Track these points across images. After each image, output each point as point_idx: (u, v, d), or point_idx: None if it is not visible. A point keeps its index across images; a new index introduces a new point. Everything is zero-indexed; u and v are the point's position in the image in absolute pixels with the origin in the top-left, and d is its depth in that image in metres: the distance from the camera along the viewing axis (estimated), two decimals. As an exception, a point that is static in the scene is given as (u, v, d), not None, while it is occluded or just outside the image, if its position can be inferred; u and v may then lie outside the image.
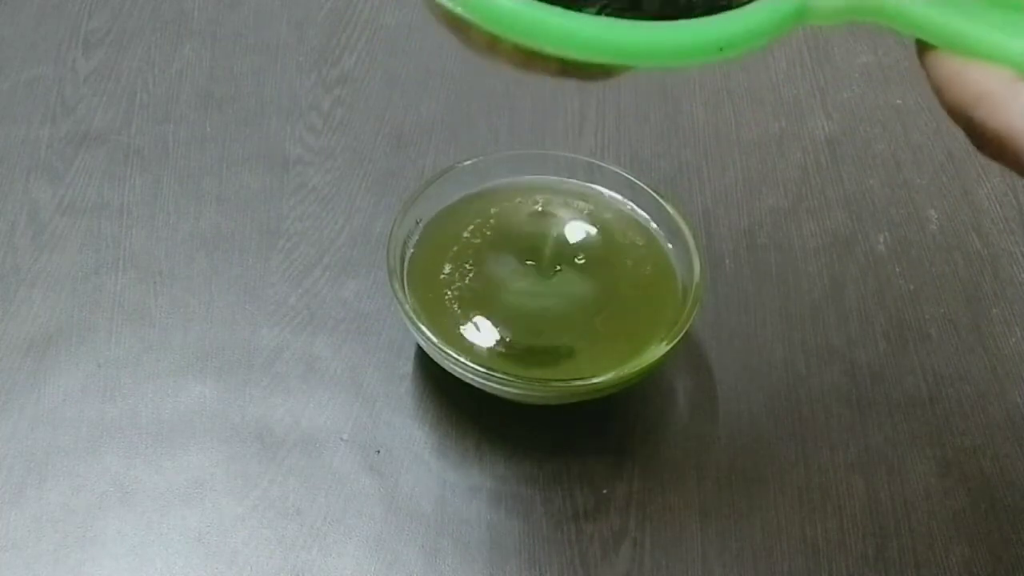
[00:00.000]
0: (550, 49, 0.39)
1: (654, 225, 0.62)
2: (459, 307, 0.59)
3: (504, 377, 0.56)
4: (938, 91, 0.39)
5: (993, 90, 0.38)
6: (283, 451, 0.58)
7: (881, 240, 0.68)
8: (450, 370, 0.58)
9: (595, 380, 0.56)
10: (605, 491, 0.57)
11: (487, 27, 0.39)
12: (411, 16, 0.78)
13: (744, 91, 0.75)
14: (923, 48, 0.40)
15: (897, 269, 0.67)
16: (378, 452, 0.58)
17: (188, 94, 0.73)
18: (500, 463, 0.58)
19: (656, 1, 0.39)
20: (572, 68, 0.40)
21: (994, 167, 0.71)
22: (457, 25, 0.40)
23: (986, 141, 0.38)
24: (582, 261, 0.61)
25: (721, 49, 0.40)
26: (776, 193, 0.70)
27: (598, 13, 0.39)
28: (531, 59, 0.40)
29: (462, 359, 0.56)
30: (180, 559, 0.55)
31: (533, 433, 0.59)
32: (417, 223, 0.61)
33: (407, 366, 0.61)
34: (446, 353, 0.56)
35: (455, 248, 0.61)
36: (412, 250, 0.61)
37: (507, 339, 0.58)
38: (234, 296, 0.64)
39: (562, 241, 0.62)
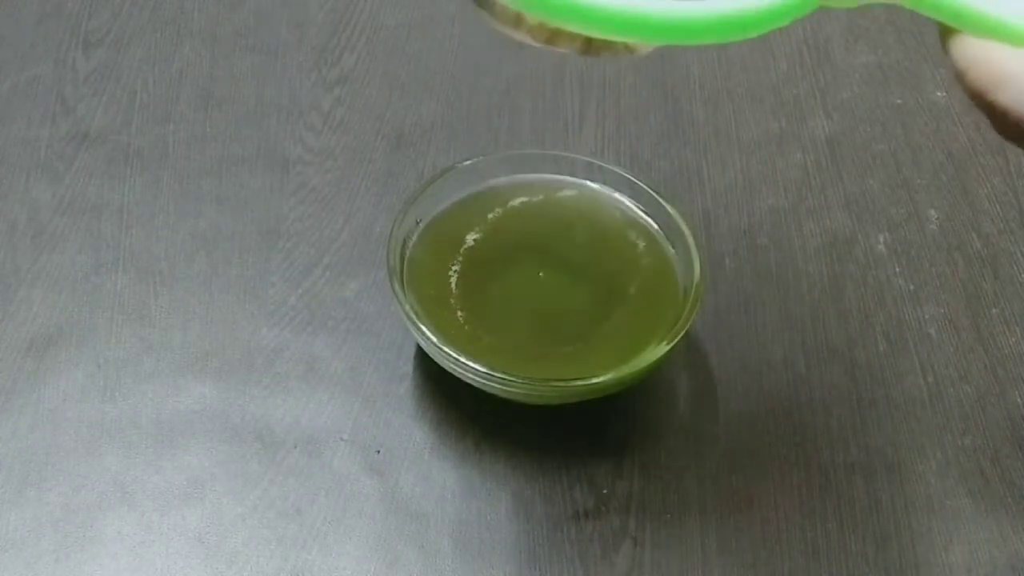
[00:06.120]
0: (574, 27, 0.40)
1: (654, 225, 0.62)
2: (459, 307, 0.59)
3: (504, 377, 0.56)
4: (960, 74, 0.40)
5: (1016, 73, 0.38)
6: (283, 451, 0.58)
7: (881, 240, 0.68)
8: (450, 370, 0.58)
9: (595, 380, 0.56)
10: (605, 491, 0.57)
11: (513, 5, 0.40)
12: (411, 16, 0.78)
13: (744, 91, 0.75)
14: (946, 31, 0.40)
15: (897, 269, 0.67)
16: (378, 452, 0.58)
17: (188, 94, 0.73)
18: (500, 463, 0.58)
19: None
20: (596, 45, 0.41)
21: (994, 167, 0.71)
22: (483, 2, 0.41)
23: (1008, 124, 0.38)
24: (582, 261, 0.61)
25: (743, 29, 0.40)
26: (776, 193, 0.70)
27: None
28: (555, 35, 0.41)
29: (462, 359, 0.56)
30: (180, 559, 0.55)
31: (533, 433, 0.59)
32: (417, 223, 0.61)
33: (407, 366, 0.61)
34: (446, 353, 0.56)
35: (455, 248, 0.61)
36: (412, 250, 0.61)
37: (507, 339, 0.58)
38: (234, 296, 0.64)
39: (562, 241, 0.62)
